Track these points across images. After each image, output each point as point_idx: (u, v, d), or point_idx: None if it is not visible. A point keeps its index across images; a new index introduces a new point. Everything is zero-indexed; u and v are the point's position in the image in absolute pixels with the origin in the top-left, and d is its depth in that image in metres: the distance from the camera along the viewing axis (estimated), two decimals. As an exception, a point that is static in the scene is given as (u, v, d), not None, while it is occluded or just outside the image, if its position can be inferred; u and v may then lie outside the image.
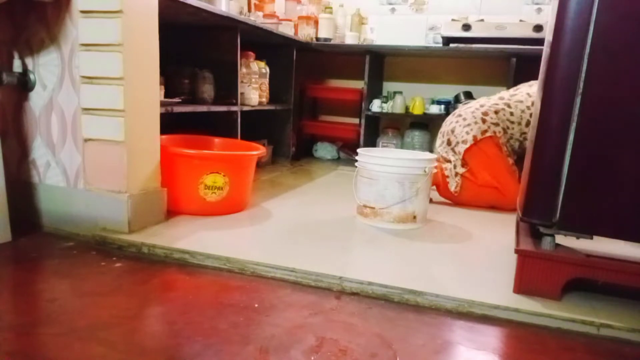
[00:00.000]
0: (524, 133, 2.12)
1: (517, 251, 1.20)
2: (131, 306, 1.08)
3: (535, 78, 1.41)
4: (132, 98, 1.45)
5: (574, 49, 1.07)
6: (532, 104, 2.08)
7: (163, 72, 1.64)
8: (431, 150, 3.14)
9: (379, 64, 3.22)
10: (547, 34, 1.20)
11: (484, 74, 3.09)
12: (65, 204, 1.54)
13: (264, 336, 0.97)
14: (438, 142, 2.27)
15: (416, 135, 3.14)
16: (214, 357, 0.89)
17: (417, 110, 3.01)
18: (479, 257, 1.48)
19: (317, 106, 3.55)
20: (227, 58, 2.24)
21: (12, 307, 1.06)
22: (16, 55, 1.53)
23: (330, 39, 3.07)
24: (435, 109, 2.99)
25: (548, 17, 2.20)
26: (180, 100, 2.03)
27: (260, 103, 2.51)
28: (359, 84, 3.04)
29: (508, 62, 2.73)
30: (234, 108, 2.24)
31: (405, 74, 3.27)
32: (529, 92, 2.17)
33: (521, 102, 2.14)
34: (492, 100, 2.20)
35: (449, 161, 2.16)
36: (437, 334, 1.03)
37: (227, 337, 0.96)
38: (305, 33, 3.03)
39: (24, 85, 1.53)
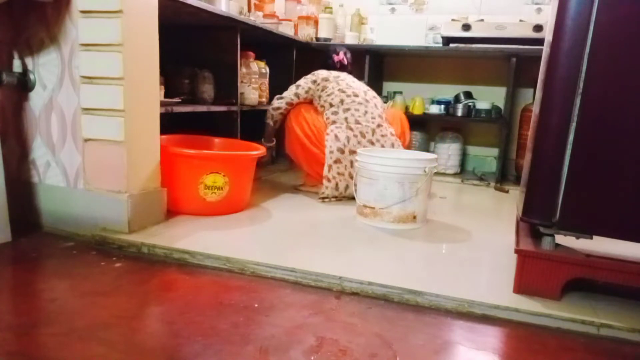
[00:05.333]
0: None
1: (517, 251, 1.19)
2: (131, 306, 1.08)
3: (536, 78, 1.41)
4: (132, 98, 1.45)
5: (574, 49, 1.07)
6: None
7: (163, 72, 1.64)
8: (428, 150, 3.14)
9: (379, 64, 3.21)
10: (547, 34, 1.20)
11: (484, 74, 3.09)
12: (65, 204, 1.54)
13: (264, 336, 0.97)
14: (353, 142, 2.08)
15: (414, 135, 3.14)
16: (214, 357, 0.89)
17: (417, 110, 3.01)
18: (479, 257, 1.48)
19: (317, 106, 3.54)
20: (227, 58, 2.24)
21: (12, 307, 1.06)
22: (16, 55, 1.53)
23: (330, 39, 3.07)
24: (435, 109, 2.99)
25: (548, 17, 2.20)
26: (180, 100, 2.02)
27: (260, 103, 2.51)
28: (359, 84, 3.04)
29: (508, 62, 2.73)
30: (233, 108, 2.24)
31: (405, 74, 3.27)
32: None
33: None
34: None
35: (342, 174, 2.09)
36: (437, 334, 1.03)
37: (227, 337, 0.96)
38: (305, 33, 3.03)
39: (24, 85, 1.53)
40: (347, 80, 2.25)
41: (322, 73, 2.28)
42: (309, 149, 2.11)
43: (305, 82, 2.25)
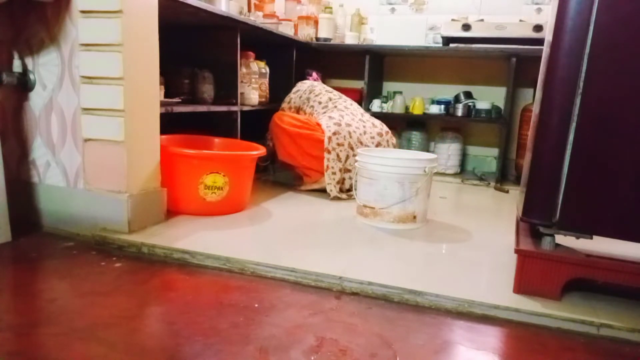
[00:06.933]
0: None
1: (517, 251, 1.20)
2: (131, 306, 1.08)
3: (536, 78, 1.41)
4: (132, 98, 1.45)
5: (574, 49, 1.07)
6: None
7: (163, 72, 1.64)
8: (428, 150, 3.14)
9: (379, 64, 3.21)
10: (547, 34, 1.20)
11: (484, 74, 3.09)
12: (65, 204, 1.54)
13: (264, 336, 0.97)
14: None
15: (414, 135, 3.14)
16: (214, 357, 0.89)
17: (417, 110, 3.01)
18: (479, 257, 1.48)
19: (317, 106, 3.54)
20: (227, 58, 2.24)
21: (12, 307, 1.06)
22: (16, 55, 1.53)
23: (330, 39, 3.07)
24: (435, 109, 2.99)
25: (548, 17, 2.20)
26: (180, 100, 2.02)
27: (260, 103, 2.51)
28: (359, 84, 3.04)
29: (508, 62, 2.73)
30: (233, 108, 2.24)
31: (405, 74, 3.27)
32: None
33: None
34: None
35: (349, 170, 2.16)
36: (437, 334, 1.03)
37: (227, 337, 0.96)
38: (305, 33, 3.03)
39: (24, 85, 1.53)
40: (334, 90, 2.51)
41: (307, 82, 2.57)
42: (302, 134, 2.15)
43: (287, 95, 2.53)
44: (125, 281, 1.21)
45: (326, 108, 2.31)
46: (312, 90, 2.43)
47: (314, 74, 2.72)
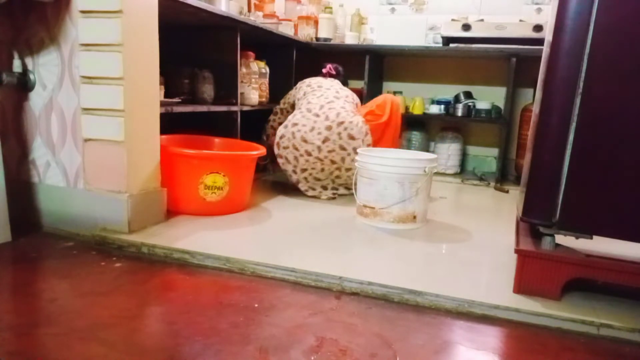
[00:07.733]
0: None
1: (517, 251, 1.20)
2: (131, 306, 1.08)
3: (535, 78, 1.41)
4: (132, 98, 1.45)
5: (574, 49, 1.07)
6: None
7: (163, 72, 1.64)
8: (428, 150, 3.14)
9: (379, 64, 3.21)
10: (547, 34, 1.20)
11: (484, 74, 3.09)
12: (65, 204, 1.54)
13: (264, 336, 0.97)
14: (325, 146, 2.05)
15: (414, 135, 3.14)
16: (214, 357, 0.89)
17: (417, 110, 3.01)
18: (479, 257, 1.48)
19: (317, 106, 3.54)
20: (227, 58, 2.24)
21: (12, 307, 1.06)
22: (16, 55, 1.53)
23: (330, 39, 3.07)
24: (435, 109, 2.99)
25: (548, 17, 2.20)
26: (180, 100, 2.02)
27: (260, 103, 2.51)
28: (359, 84, 3.04)
29: (508, 62, 2.73)
30: (233, 108, 2.24)
31: (405, 74, 3.27)
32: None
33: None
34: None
35: (305, 170, 2.12)
36: (437, 334, 1.03)
37: (227, 337, 0.96)
38: (305, 33, 3.03)
39: (24, 85, 1.53)
40: (324, 82, 2.33)
41: (306, 80, 2.44)
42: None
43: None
44: (125, 281, 1.21)
45: (300, 100, 2.27)
46: (300, 87, 2.40)
47: (328, 66, 2.55)
